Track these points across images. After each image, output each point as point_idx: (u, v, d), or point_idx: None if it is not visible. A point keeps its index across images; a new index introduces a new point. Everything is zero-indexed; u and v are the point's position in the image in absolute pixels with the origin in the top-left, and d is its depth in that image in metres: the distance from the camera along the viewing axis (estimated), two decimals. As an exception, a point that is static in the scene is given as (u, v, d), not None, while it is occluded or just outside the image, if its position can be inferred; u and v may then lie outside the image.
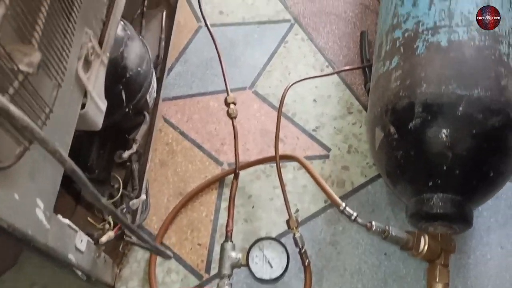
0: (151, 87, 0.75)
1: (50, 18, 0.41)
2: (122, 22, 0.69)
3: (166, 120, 0.89)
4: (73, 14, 0.47)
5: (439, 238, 0.63)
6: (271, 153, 0.82)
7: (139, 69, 0.69)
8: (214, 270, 0.74)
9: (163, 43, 0.86)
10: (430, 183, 0.62)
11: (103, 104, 0.58)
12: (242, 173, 0.82)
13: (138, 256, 0.75)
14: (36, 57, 0.36)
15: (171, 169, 0.84)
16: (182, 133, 0.87)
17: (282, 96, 0.82)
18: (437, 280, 0.62)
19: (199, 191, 0.80)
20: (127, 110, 0.70)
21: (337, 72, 0.92)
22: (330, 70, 0.94)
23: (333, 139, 0.86)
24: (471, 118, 0.60)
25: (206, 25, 0.85)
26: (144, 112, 0.76)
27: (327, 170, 0.83)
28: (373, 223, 0.62)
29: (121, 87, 0.67)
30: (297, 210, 0.79)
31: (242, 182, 0.82)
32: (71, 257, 0.52)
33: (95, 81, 0.55)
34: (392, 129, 0.65)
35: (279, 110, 0.80)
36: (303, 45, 0.98)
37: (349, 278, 0.73)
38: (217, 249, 0.75)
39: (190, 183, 0.82)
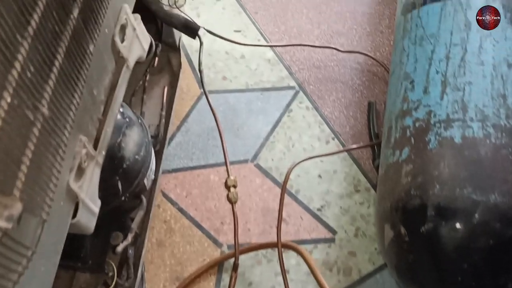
0: (149, 170, 0.71)
1: (39, 153, 0.37)
2: (122, 110, 0.67)
3: (164, 195, 0.85)
4: (66, 132, 0.44)
5: None
6: (273, 234, 0.79)
7: (136, 156, 0.66)
8: None
9: (163, 120, 0.83)
10: (444, 294, 0.58)
11: (96, 207, 0.54)
12: (242, 257, 0.79)
13: None
14: (17, 209, 0.33)
15: (168, 251, 0.80)
16: (181, 210, 0.84)
17: (286, 176, 0.79)
18: None
19: (196, 276, 0.76)
20: (123, 198, 0.67)
21: (346, 151, 0.88)
22: (336, 142, 0.91)
23: (339, 220, 0.82)
24: (488, 227, 0.56)
25: (207, 97, 0.81)
26: (141, 195, 0.72)
27: (333, 256, 0.79)
28: None
29: (118, 178, 0.64)
30: (300, 303, 0.75)
31: (242, 267, 0.78)
32: None
33: (89, 186, 0.52)
34: (403, 230, 0.61)
35: (282, 192, 0.77)
36: (308, 115, 0.95)
37: None
38: None
39: (187, 267, 0.78)
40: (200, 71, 0.81)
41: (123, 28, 0.58)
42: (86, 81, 0.47)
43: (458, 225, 0.57)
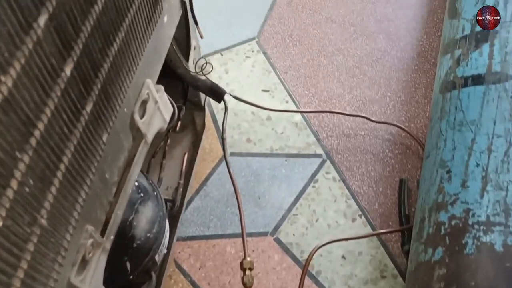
0: (161, 245, 0.67)
1: (37, 256, 0.34)
2: (137, 183, 0.63)
3: (177, 265, 0.81)
4: (69, 230, 0.40)
5: None
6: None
7: (149, 234, 0.63)
8: None
9: (181, 190, 0.79)
10: None
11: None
12: None
13: None
14: None
15: (176, 329, 0.75)
16: (193, 283, 0.79)
17: (308, 258, 0.74)
18: None
19: None
20: (131, 277, 0.63)
21: (375, 235, 0.83)
22: (363, 220, 0.86)
23: (361, 309, 0.76)
24: None
25: (228, 168, 0.78)
26: (151, 272, 0.68)
27: None
28: None
29: (126, 258, 0.60)
30: None
31: None
32: None
33: (92, 277, 0.48)
34: None
35: (302, 278, 0.72)
36: (334, 187, 0.90)
37: None
38: None
39: None
40: (223, 138, 0.78)
41: (144, 103, 0.55)
42: (97, 169, 0.44)
43: None
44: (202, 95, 0.92)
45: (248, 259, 0.71)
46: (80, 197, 0.42)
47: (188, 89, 0.88)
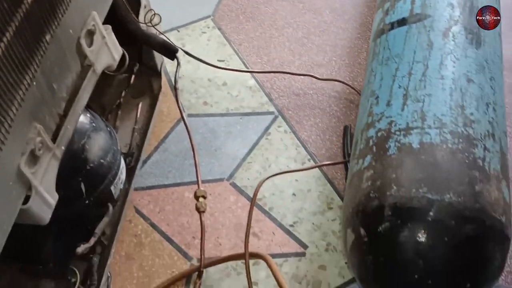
0: (117, 178, 0.72)
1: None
2: (89, 114, 0.69)
3: (137, 210, 0.86)
4: (12, 108, 0.46)
5: None
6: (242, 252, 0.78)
7: (102, 160, 0.68)
8: None
9: (136, 134, 0.85)
10: (402, 295, 0.57)
11: (52, 199, 0.55)
12: (211, 270, 0.78)
13: None
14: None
15: (137, 263, 0.79)
16: (152, 225, 0.84)
17: (256, 188, 0.80)
18: None
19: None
20: (87, 202, 0.68)
21: (318, 167, 0.90)
22: (311, 163, 0.92)
23: (311, 236, 0.82)
24: (443, 224, 0.56)
25: (182, 115, 0.84)
26: (107, 203, 0.73)
27: (303, 270, 0.78)
28: None
29: (80, 179, 0.65)
30: (266, 316, 0.74)
31: (210, 280, 0.77)
32: None
33: (44, 176, 0.53)
34: (362, 232, 0.61)
35: (252, 203, 0.78)
36: (285, 138, 0.97)
37: None
38: None
39: (155, 279, 0.77)
40: (175, 88, 0.85)
41: (91, 33, 0.62)
42: (42, 69, 0.50)
43: (413, 223, 0.57)
44: (158, 61, 0.99)
45: (202, 188, 0.77)
46: (23, 86, 0.48)
47: (142, 51, 0.94)
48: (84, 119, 0.67)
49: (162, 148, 0.95)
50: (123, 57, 0.74)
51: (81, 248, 0.66)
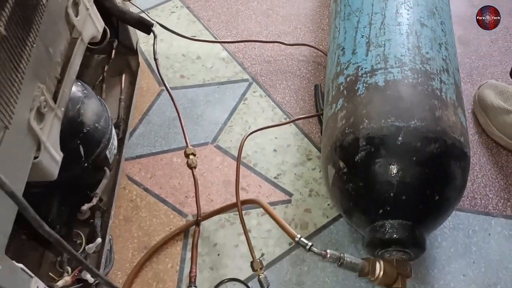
0: (110, 143, 0.77)
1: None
2: (80, 83, 0.74)
3: (129, 178, 0.90)
4: (21, 66, 0.50)
5: (394, 263, 0.64)
6: (235, 201, 0.84)
7: (96, 125, 0.73)
8: (180, 322, 0.73)
9: (122, 103, 0.90)
10: (381, 211, 0.65)
11: (58, 156, 0.60)
12: (206, 223, 0.84)
13: (102, 314, 0.74)
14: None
15: (136, 225, 0.84)
16: (146, 189, 0.89)
17: (240, 144, 0.86)
18: (396, 304, 0.62)
19: (163, 243, 0.81)
20: (86, 164, 0.72)
21: (293, 121, 0.97)
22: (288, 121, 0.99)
23: (295, 185, 0.89)
24: (410, 146, 0.64)
25: (164, 83, 0.89)
26: (104, 167, 0.78)
27: (290, 214, 0.85)
28: (328, 251, 0.63)
29: (79, 141, 0.70)
30: (262, 254, 0.80)
31: (207, 232, 0.83)
32: (26, 303, 0.51)
33: (50, 132, 0.58)
34: (342, 164, 0.69)
35: (238, 157, 0.84)
36: (262, 101, 1.03)
37: (316, 318, 0.73)
38: (182, 300, 0.75)
39: (154, 237, 0.83)
40: (155, 59, 0.90)
41: (76, 4, 0.66)
42: (39, 32, 0.55)
43: (385, 148, 0.65)
44: (134, 39, 1.04)
45: (190, 147, 0.82)
46: (28, 43, 0.52)
47: (118, 30, 0.98)
48: (76, 87, 0.71)
49: (146, 120, 1.00)
50: (104, 32, 0.78)
51: (85, 207, 0.71)
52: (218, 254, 0.81)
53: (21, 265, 0.52)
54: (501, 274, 0.77)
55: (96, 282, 0.70)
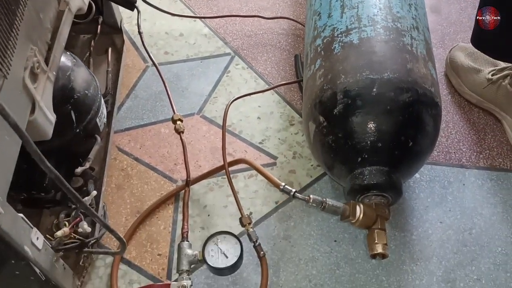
0: (100, 111, 0.80)
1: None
2: (69, 53, 0.76)
3: (120, 149, 0.93)
4: (16, 23, 0.53)
5: (373, 205, 0.69)
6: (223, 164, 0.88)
7: (86, 92, 0.75)
8: (175, 276, 0.77)
9: (110, 75, 0.93)
10: (359, 159, 0.69)
11: (52, 116, 0.63)
12: (196, 187, 0.87)
13: (100, 272, 0.77)
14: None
15: (128, 191, 0.87)
16: (136, 159, 0.92)
17: (225, 110, 0.90)
18: (376, 241, 0.67)
19: (155, 207, 0.84)
20: (77, 130, 0.75)
21: (275, 87, 1.01)
22: (270, 91, 1.03)
23: (279, 149, 0.93)
24: (384, 96, 0.69)
25: (149, 55, 0.92)
26: (95, 135, 0.81)
27: (276, 175, 0.88)
28: (311, 196, 0.68)
29: (70, 107, 0.72)
30: (250, 213, 0.84)
31: (197, 195, 0.87)
32: (27, 249, 0.54)
33: (43, 93, 0.61)
34: (321, 119, 0.73)
35: (224, 121, 0.88)
36: (244, 73, 1.07)
37: (304, 266, 0.77)
38: (176, 256, 0.78)
39: (146, 202, 0.86)
40: (140, 33, 0.93)
41: (62, -24, 0.69)
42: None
43: (361, 100, 0.69)
44: (118, 17, 1.06)
45: (177, 113, 0.86)
46: (20, 8, 0.55)
47: (103, 7, 1.01)
48: (66, 56, 0.74)
49: (133, 95, 1.03)
50: (90, 7, 0.81)
51: (79, 170, 0.74)
52: (208, 215, 0.84)
53: (21, 215, 0.55)
54: (476, 219, 0.82)
55: (92, 241, 0.73)
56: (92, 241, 0.73)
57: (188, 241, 0.73)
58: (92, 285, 0.76)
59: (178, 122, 0.84)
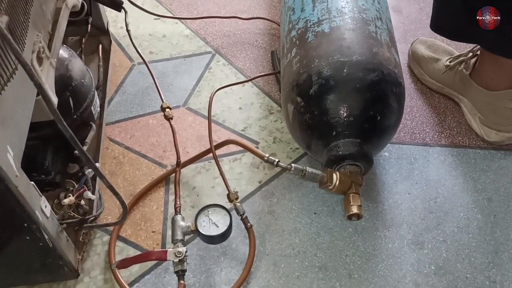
0: (94, 101, 0.86)
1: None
2: (66, 46, 0.83)
3: (111, 140, 0.99)
4: (27, 10, 0.60)
5: (348, 173, 0.77)
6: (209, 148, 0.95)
7: (82, 81, 0.82)
8: (169, 250, 0.83)
9: (101, 69, 0.99)
10: (334, 133, 0.77)
11: (55, 98, 0.69)
12: (184, 171, 0.94)
13: (98, 249, 0.82)
14: (5, 18, 0.48)
15: (121, 177, 0.93)
16: (127, 148, 0.98)
17: (209, 99, 0.97)
18: (351, 203, 0.74)
19: (148, 190, 0.90)
20: (75, 117, 0.81)
21: (254, 78, 1.09)
22: (250, 84, 1.11)
23: (260, 135, 1.00)
24: (354, 76, 0.77)
25: (138, 52, 0.99)
26: (90, 122, 0.87)
27: (258, 159, 0.96)
28: (292, 165, 0.75)
29: (69, 94, 0.79)
30: (236, 192, 0.91)
31: (186, 178, 0.93)
32: (38, 215, 0.60)
33: (47, 76, 0.67)
34: (299, 100, 0.81)
35: (209, 109, 0.95)
36: (225, 69, 1.14)
37: (288, 236, 0.84)
38: (169, 233, 0.84)
39: (139, 185, 0.92)
40: (127, 30, 1.00)
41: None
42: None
43: (334, 80, 0.77)
44: (105, 20, 1.13)
45: (166, 101, 0.93)
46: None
47: (91, 9, 1.07)
48: (63, 49, 0.81)
49: (121, 91, 1.09)
50: (82, 7, 0.88)
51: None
52: (197, 195, 0.91)
53: (32, 183, 0.61)
54: (440, 190, 0.91)
55: (91, 218, 0.79)
56: (91, 218, 0.78)
57: (181, 214, 0.80)
58: (91, 261, 0.81)
59: (167, 110, 0.91)
